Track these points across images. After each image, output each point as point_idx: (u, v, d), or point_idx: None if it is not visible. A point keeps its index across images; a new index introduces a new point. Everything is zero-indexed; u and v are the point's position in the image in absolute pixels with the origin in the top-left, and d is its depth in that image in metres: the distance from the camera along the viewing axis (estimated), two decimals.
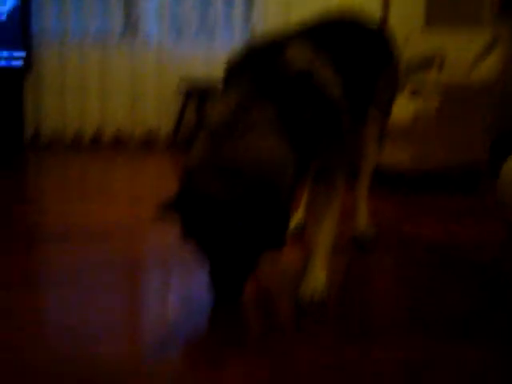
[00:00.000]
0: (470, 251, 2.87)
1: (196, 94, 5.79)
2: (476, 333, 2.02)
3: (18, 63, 5.43)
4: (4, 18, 5.37)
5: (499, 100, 4.53)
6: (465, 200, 4.00)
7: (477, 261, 2.74)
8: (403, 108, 4.01)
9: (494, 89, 4.41)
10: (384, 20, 5.42)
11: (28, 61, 5.49)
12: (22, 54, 5.43)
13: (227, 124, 1.99)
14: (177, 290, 2.42)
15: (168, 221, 2.02)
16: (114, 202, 3.68)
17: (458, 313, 2.18)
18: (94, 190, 4.10)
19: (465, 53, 4.56)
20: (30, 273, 2.48)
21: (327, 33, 2.53)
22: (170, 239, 2.86)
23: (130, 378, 1.67)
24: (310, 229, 2.39)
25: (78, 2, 5.79)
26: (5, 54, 5.40)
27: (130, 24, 6.02)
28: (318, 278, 2.26)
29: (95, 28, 5.90)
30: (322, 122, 2.16)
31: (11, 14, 5.38)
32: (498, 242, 3.01)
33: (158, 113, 6.07)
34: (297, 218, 3.01)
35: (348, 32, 2.66)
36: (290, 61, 2.14)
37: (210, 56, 6.04)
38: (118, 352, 1.80)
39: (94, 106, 5.93)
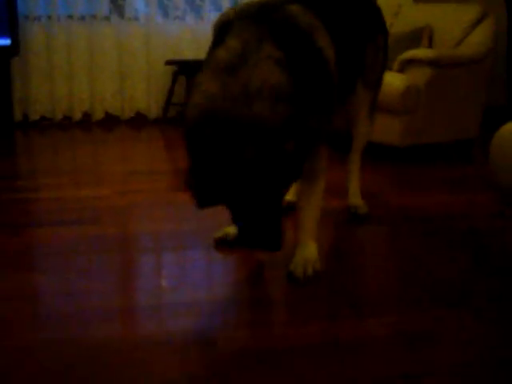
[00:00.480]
0: (462, 220, 2.89)
1: (184, 73, 5.77)
2: (469, 300, 2.04)
3: (6, 42, 5.37)
4: None
5: (490, 72, 4.54)
6: (456, 170, 4.02)
7: (469, 230, 2.75)
8: (393, 82, 4.02)
9: (485, 61, 4.42)
10: None
11: (15, 43, 5.44)
12: (9, 36, 5.37)
13: (239, 57, 1.94)
14: (170, 272, 2.39)
15: None
16: (105, 182, 3.67)
17: (451, 282, 2.19)
18: (84, 171, 4.09)
19: (454, 27, 4.56)
20: (19, 256, 2.46)
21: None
22: (162, 222, 2.87)
23: (125, 362, 1.66)
24: (298, 203, 2.38)
25: None
26: None
27: (117, 5, 5.97)
28: (308, 250, 2.27)
29: (82, 9, 5.84)
30: (317, 83, 2.14)
31: None
32: (489, 210, 3.03)
33: (147, 92, 6.05)
34: (287, 196, 2.99)
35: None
36: (293, 16, 2.12)
37: (197, 35, 6.01)
38: (111, 336, 1.79)
39: (83, 87, 5.90)
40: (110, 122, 6.00)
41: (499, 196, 2.82)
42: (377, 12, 2.89)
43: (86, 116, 5.98)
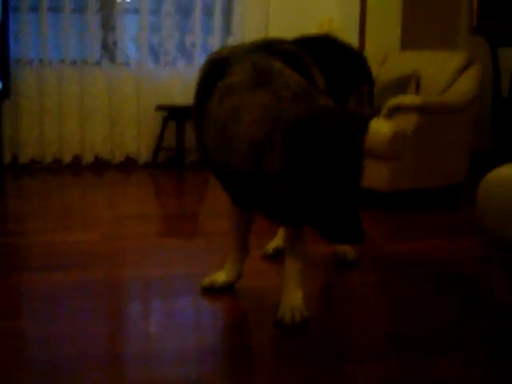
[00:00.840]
0: (451, 266, 2.90)
1: (175, 118, 5.81)
2: (459, 344, 2.04)
3: None
4: None
5: (476, 118, 4.61)
6: (444, 216, 4.04)
7: (459, 275, 2.76)
8: (381, 128, 4.06)
9: (470, 108, 4.48)
10: (361, 46, 5.51)
11: (6, 87, 5.47)
12: (0, 79, 5.41)
13: (257, 74, 1.97)
14: (158, 319, 2.37)
15: None
16: (94, 226, 3.66)
17: (441, 326, 2.19)
18: (73, 215, 4.08)
19: (440, 74, 4.64)
20: (6, 301, 2.44)
21: (310, 43, 2.56)
22: (150, 267, 2.86)
23: None
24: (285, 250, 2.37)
25: (55, 28, 5.80)
26: None
27: (108, 50, 6.03)
28: (294, 297, 2.23)
29: (73, 53, 5.90)
30: None
31: None
32: (478, 255, 3.04)
33: (137, 136, 6.07)
34: (276, 242, 2.99)
35: (329, 46, 2.71)
36: (290, 51, 2.17)
37: (188, 81, 6.06)
38: (99, 381, 1.78)
39: (73, 131, 5.91)
40: (100, 166, 6.00)
41: (486, 241, 2.83)
42: (362, 63, 2.92)
43: (76, 160, 5.98)
